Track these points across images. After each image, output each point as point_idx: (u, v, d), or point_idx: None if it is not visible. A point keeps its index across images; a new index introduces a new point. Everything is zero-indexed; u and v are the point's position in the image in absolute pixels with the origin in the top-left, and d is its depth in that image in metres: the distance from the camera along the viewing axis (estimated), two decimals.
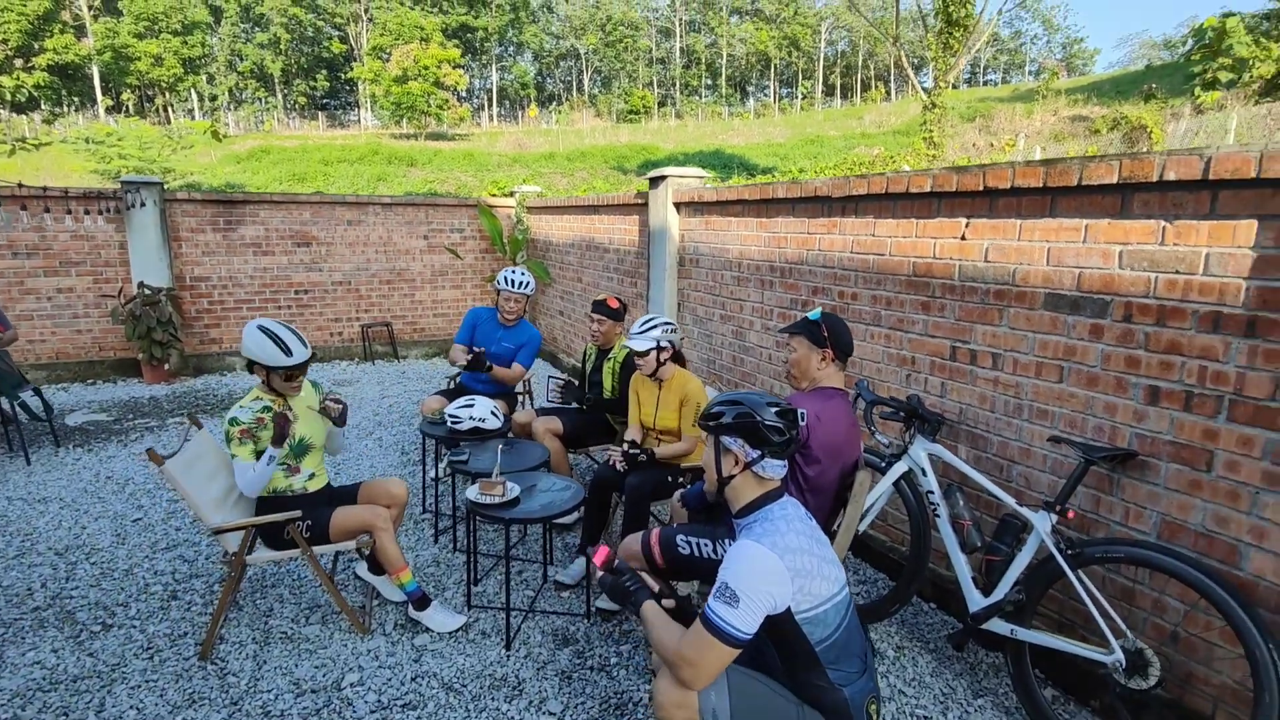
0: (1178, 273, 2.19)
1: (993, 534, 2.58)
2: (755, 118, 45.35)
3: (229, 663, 2.70)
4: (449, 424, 3.70)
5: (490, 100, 55.51)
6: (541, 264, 8.16)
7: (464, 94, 48.01)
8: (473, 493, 2.87)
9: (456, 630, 2.90)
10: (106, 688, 2.55)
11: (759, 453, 1.84)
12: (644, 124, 40.70)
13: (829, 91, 61.19)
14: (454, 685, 2.59)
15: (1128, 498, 2.38)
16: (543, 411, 4.15)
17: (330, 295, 8.03)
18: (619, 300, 3.98)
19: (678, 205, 5.07)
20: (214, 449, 3.00)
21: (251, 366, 2.86)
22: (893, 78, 61.76)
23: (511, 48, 56.91)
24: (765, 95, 63.67)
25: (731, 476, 1.88)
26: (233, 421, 2.74)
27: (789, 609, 1.70)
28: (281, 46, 43.38)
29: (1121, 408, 2.37)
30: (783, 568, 1.68)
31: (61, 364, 6.96)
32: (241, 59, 44.23)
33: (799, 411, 1.92)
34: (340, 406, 3.00)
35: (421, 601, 2.92)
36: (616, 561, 2.02)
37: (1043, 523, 2.42)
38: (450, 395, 4.40)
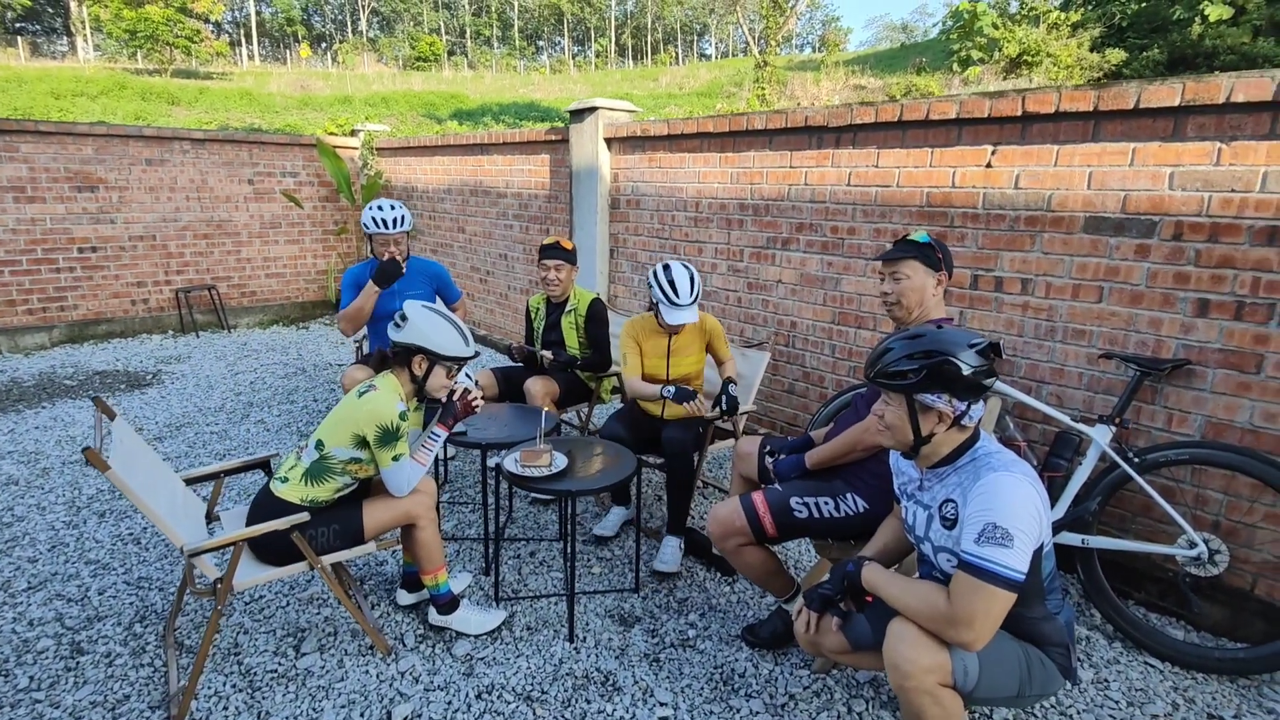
0: (1233, 191, 2.35)
1: (1049, 451, 2.68)
2: (552, 73, 44.29)
3: None
4: None
5: (249, 36, 48.24)
6: None
7: (217, 26, 41.17)
8: (511, 464, 2.39)
9: (494, 630, 2.43)
10: None
11: (966, 404, 1.60)
12: (436, 73, 37.84)
13: (620, 52, 61.54)
14: (533, 695, 2.15)
15: (1171, 405, 2.57)
16: (529, 372, 3.59)
17: (128, 254, 6.43)
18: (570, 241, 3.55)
19: (609, 141, 4.66)
20: (141, 446, 2.18)
21: (398, 358, 2.28)
22: (679, 43, 63.68)
23: None
24: (558, 50, 62.40)
25: (932, 435, 1.64)
26: (403, 416, 2.15)
27: (1042, 544, 1.57)
28: None
29: (1167, 321, 2.54)
30: (1038, 498, 1.54)
31: None
32: None
33: (997, 343, 1.74)
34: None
35: (450, 604, 2.40)
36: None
37: (1102, 435, 2.55)
38: (371, 363, 3.66)
